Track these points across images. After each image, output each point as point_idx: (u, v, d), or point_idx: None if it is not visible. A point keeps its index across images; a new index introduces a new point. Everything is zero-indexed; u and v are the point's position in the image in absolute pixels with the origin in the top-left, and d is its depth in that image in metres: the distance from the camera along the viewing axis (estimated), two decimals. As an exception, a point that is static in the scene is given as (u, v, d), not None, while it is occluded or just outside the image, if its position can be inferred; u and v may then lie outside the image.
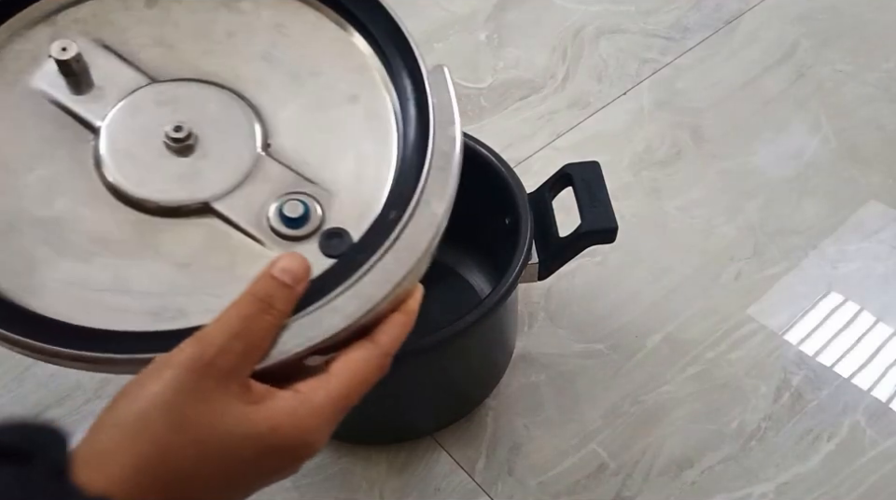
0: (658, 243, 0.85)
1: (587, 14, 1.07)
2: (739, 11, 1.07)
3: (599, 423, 0.73)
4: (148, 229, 0.44)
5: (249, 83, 0.49)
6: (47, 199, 0.45)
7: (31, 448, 0.31)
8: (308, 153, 0.48)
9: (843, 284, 0.81)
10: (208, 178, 0.45)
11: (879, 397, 0.73)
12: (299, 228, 0.45)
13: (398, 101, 0.50)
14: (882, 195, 0.87)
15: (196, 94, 0.47)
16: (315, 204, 0.46)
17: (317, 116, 0.49)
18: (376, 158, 0.48)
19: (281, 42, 0.50)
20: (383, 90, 0.50)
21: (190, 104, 0.47)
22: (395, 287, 0.43)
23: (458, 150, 0.48)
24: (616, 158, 0.91)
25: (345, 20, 0.52)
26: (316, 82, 0.50)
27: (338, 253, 0.45)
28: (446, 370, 0.69)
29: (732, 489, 0.69)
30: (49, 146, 0.46)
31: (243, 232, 0.45)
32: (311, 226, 0.45)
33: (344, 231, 0.45)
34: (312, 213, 0.45)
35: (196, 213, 0.45)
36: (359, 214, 0.46)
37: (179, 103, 0.47)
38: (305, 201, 0.45)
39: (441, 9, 1.09)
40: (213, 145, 0.46)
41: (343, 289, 0.42)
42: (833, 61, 1.00)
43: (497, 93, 0.99)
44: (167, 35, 0.49)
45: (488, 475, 0.70)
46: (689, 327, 0.78)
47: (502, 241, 0.67)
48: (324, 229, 0.45)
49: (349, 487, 0.70)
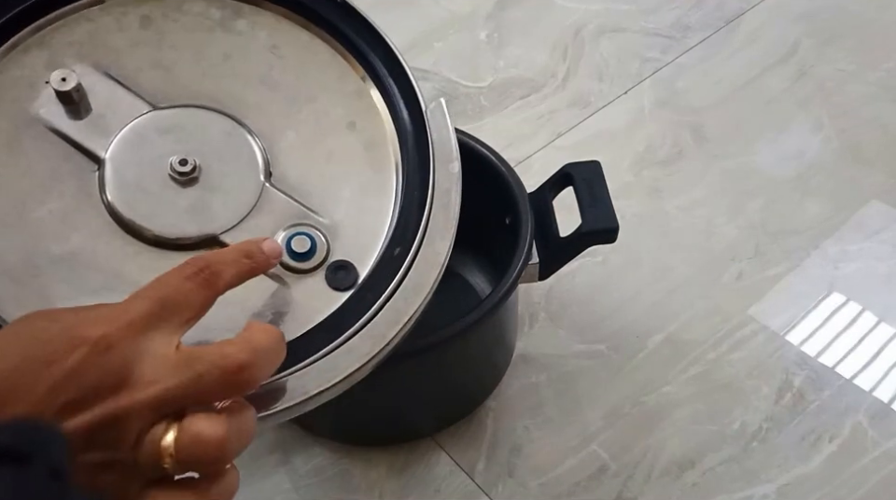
0: (659, 243, 0.84)
1: (588, 13, 1.07)
2: (741, 10, 1.06)
3: (600, 424, 0.72)
4: (161, 263, 0.44)
5: (248, 108, 0.49)
6: (61, 234, 0.44)
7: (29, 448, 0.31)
8: (310, 182, 0.48)
9: (845, 284, 0.80)
10: (215, 210, 0.45)
11: (881, 398, 0.73)
12: (306, 261, 0.46)
13: (396, 131, 0.50)
14: (884, 195, 0.87)
15: (197, 121, 0.47)
16: (321, 236, 0.46)
17: (316, 143, 0.49)
18: (377, 188, 0.49)
19: (277, 65, 0.50)
20: (380, 118, 0.51)
21: (192, 133, 0.47)
22: (403, 327, 0.44)
23: (458, 187, 0.48)
24: (617, 157, 0.91)
25: (341, 44, 0.52)
26: (314, 107, 0.50)
27: (345, 286, 0.46)
28: (446, 371, 0.69)
29: (733, 490, 0.68)
30: (56, 179, 0.45)
31: None
32: (317, 258, 0.46)
33: (350, 264, 0.46)
34: (318, 246, 0.46)
35: (205, 245, 0.45)
36: (363, 246, 0.47)
37: (182, 131, 0.47)
38: (311, 234, 0.46)
39: (440, 8, 1.08)
40: (217, 175, 0.46)
41: (357, 329, 0.43)
42: (835, 60, 1.00)
43: (498, 92, 0.99)
44: (164, 58, 0.49)
45: (488, 476, 0.70)
46: (690, 328, 0.78)
47: (502, 241, 0.67)
48: (330, 261, 0.46)
49: (348, 488, 0.70)
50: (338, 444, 0.72)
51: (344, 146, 0.49)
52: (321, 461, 0.71)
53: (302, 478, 0.70)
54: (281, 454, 0.72)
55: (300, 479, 0.70)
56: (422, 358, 0.64)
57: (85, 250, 0.44)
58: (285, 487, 0.70)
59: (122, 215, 0.45)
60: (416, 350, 0.61)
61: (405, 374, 0.67)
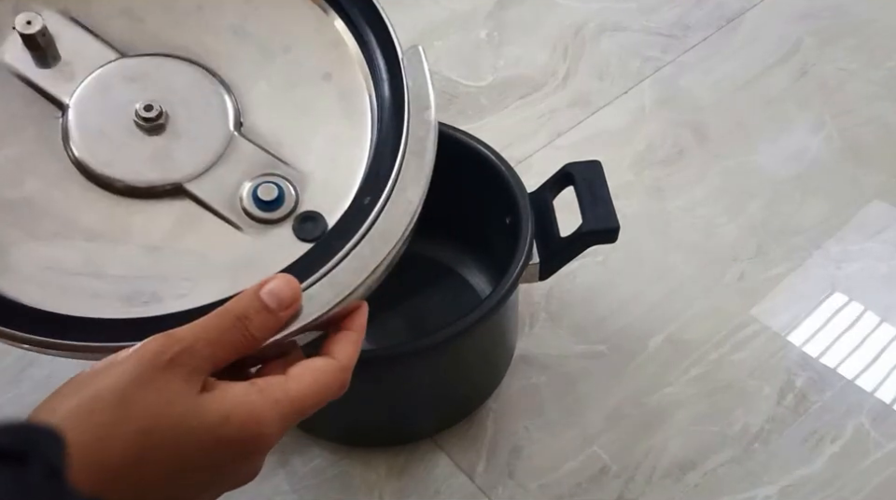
0: (660, 243, 0.84)
1: (588, 12, 1.07)
2: (742, 9, 1.06)
3: (601, 426, 0.72)
4: (120, 210, 0.43)
5: (220, 58, 0.47)
6: (16, 179, 0.43)
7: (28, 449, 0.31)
8: (281, 133, 0.47)
9: (847, 284, 0.80)
10: (180, 158, 0.44)
11: (884, 399, 0.72)
12: (273, 210, 0.44)
13: (371, 80, 0.49)
14: (886, 194, 0.86)
15: (166, 70, 0.46)
16: (290, 187, 0.45)
17: (290, 94, 0.48)
18: (350, 139, 0.47)
19: (252, 15, 0.49)
20: (356, 68, 0.49)
21: (161, 81, 0.46)
22: (369, 276, 0.43)
23: (434, 135, 0.47)
24: (617, 157, 0.91)
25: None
26: (288, 58, 0.48)
27: (312, 237, 0.44)
28: (446, 371, 0.69)
29: (735, 491, 0.68)
30: (16, 124, 0.44)
31: (216, 215, 0.44)
32: (285, 209, 0.45)
33: (319, 215, 0.45)
34: (286, 195, 0.45)
35: (168, 194, 0.44)
36: (334, 197, 0.45)
37: (149, 79, 0.46)
38: (279, 183, 0.45)
39: (440, 7, 1.08)
40: (184, 123, 0.45)
41: (319, 277, 0.42)
42: (837, 59, 0.99)
43: (498, 92, 0.99)
44: (135, 6, 0.48)
45: (488, 477, 0.70)
46: (691, 328, 0.78)
47: (502, 241, 0.66)
48: (298, 212, 0.45)
49: (348, 490, 0.69)
50: (337, 445, 0.72)
51: (319, 97, 0.48)
52: (320, 462, 0.71)
53: (301, 479, 0.70)
54: (280, 456, 0.71)
55: (299, 481, 0.70)
56: (422, 358, 0.63)
57: (41, 196, 0.43)
58: (284, 488, 0.70)
59: (83, 161, 0.44)
60: (416, 350, 0.61)
61: (405, 374, 0.67)
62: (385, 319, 0.76)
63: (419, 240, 0.82)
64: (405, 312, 0.78)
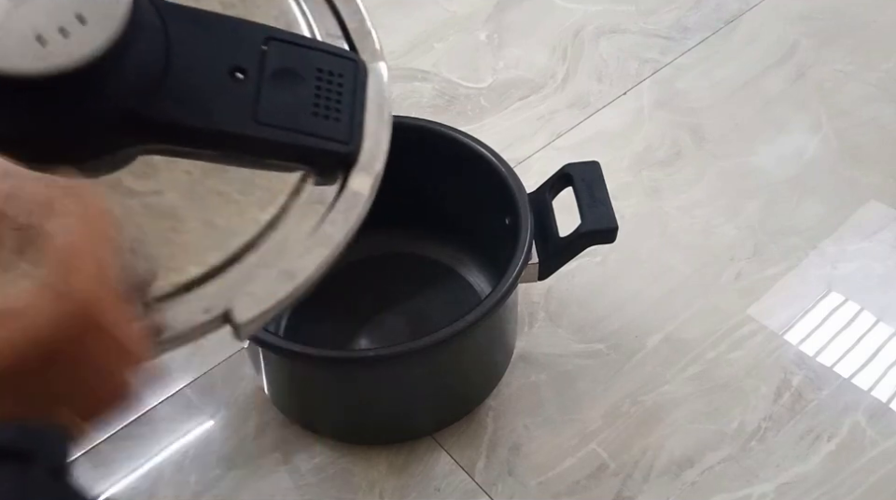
0: (658, 243, 0.85)
1: (587, 14, 1.07)
2: (739, 11, 1.07)
3: (599, 424, 0.73)
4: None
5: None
6: None
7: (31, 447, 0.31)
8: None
9: (843, 284, 0.81)
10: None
11: (879, 397, 0.73)
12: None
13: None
14: (882, 195, 0.87)
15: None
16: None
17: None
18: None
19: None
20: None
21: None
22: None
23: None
24: (616, 158, 0.91)
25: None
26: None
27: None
28: (446, 370, 0.69)
29: (732, 489, 0.69)
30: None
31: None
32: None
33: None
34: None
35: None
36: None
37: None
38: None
39: (441, 9, 1.09)
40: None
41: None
42: (834, 60, 1.00)
43: (498, 93, 0.99)
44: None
45: (488, 475, 0.70)
46: (689, 327, 0.78)
47: (502, 241, 0.67)
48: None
49: (349, 487, 0.70)
50: (338, 443, 0.72)
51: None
52: (322, 460, 0.71)
53: (303, 476, 0.71)
54: (282, 453, 0.72)
55: (300, 478, 0.71)
56: (423, 358, 0.64)
57: None
58: (286, 486, 0.70)
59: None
60: (417, 349, 0.62)
61: (405, 374, 0.68)
62: (385, 319, 0.77)
63: (419, 240, 0.84)
64: (405, 312, 0.79)
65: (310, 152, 0.40)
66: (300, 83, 0.41)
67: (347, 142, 0.41)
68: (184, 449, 0.73)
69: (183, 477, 0.71)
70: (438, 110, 0.96)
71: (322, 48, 0.43)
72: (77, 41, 0.35)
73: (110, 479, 0.71)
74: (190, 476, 0.71)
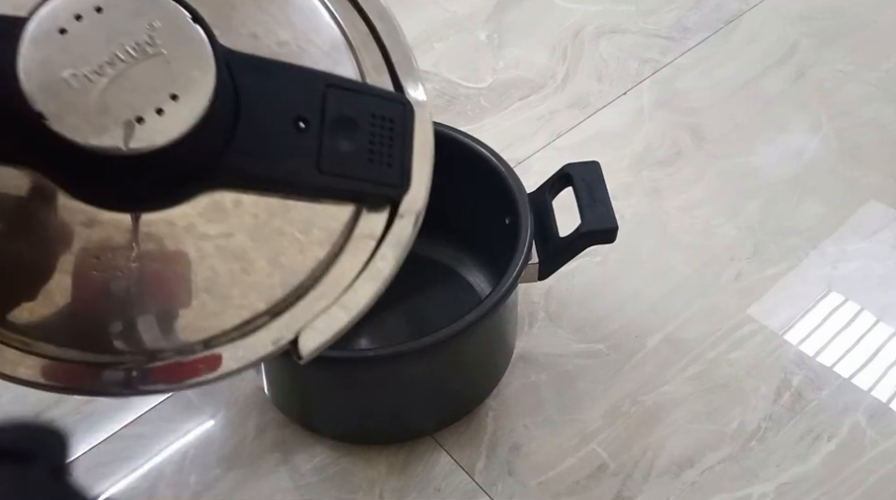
0: (658, 243, 0.85)
1: (587, 14, 1.07)
2: (739, 11, 1.07)
3: (599, 424, 0.73)
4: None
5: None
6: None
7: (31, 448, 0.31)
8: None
9: (843, 284, 0.81)
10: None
11: (879, 397, 0.73)
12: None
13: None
14: (882, 195, 0.87)
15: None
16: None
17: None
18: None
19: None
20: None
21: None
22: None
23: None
24: (616, 158, 0.91)
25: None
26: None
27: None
28: (446, 370, 0.69)
29: (732, 489, 0.69)
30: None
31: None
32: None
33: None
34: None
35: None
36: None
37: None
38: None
39: (440, 9, 1.09)
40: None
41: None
42: (834, 61, 1.00)
43: (497, 93, 0.99)
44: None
45: (488, 475, 0.70)
46: (689, 327, 0.78)
47: (502, 241, 0.67)
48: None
49: (349, 487, 0.70)
50: (338, 443, 0.72)
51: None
52: (322, 460, 0.72)
53: (303, 476, 0.71)
54: (282, 453, 0.72)
55: (300, 478, 0.71)
56: (423, 358, 0.64)
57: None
58: (285, 486, 0.70)
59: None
60: (417, 349, 0.62)
61: (406, 374, 0.68)
62: (385, 319, 0.77)
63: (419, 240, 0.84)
64: (405, 312, 0.79)
65: (365, 196, 0.44)
66: (356, 130, 0.44)
67: (398, 185, 0.45)
68: (184, 449, 0.73)
69: (183, 477, 0.71)
70: (438, 110, 0.96)
71: (374, 93, 0.46)
72: (170, 120, 0.38)
73: (110, 479, 0.71)
74: (190, 476, 0.71)
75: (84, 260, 0.37)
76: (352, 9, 0.48)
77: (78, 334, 0.41)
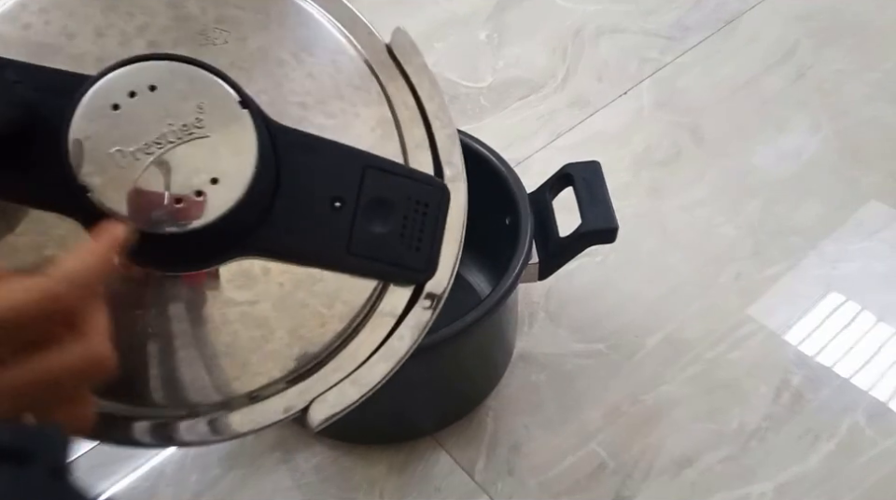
0: (658, 243, 0.85)
1: (587, 13, 1.07)
2: (739, 11, 1.07)
3: (599, 423, 0.73)
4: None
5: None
6: None
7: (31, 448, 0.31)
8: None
9: (843, 284, 0.81)
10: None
11: (879, 398, 0.73)
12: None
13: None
14: (882, 195, 0.87)
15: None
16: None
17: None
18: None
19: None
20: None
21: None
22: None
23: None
24: (616, 157, 0.91)
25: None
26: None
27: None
28: (446, 370, 0.69)
29: (731, 488, 0.69)
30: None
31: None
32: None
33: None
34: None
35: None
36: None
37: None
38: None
39: (440, 9, 1.09)
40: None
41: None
42: (834, 60, 1.00)
43: (497, 93, 0.99)
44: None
45: (488, 475, 0.70)
46: (689, 327, 0.78)
47: (502, 241, 0.67)
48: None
49: (349, 487, 0.70)
50: (339, 442, 0.72)
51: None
52: (322, 459, 0.72)
53: (303, 476, 0.71)
54: (282, 453, 0.72)
55: (301, 477, 0.71)
56: (422, 357, 0.64)
57: None
58: (286, 485, 0.70)
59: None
60: (416, 349, 0.61)
61: (405, 374, 0.67)
62: (386, 318, 0.76)
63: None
64: (405, 311, 0.78)
65: (391, 277, 0.46)
66: (390, 212, 0.45)
67: (425, 270, 0.46)
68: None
69: (183, 476, 0.71)
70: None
71: (413, 177, 0.46)
72: (208, 203, 0.40)
73: (110, 479, 0.71)
74: (191, 475, 0.71)
75: (113, 315, 0.38)
76: (405, 87, 0.49)
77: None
